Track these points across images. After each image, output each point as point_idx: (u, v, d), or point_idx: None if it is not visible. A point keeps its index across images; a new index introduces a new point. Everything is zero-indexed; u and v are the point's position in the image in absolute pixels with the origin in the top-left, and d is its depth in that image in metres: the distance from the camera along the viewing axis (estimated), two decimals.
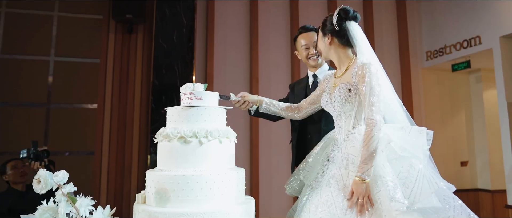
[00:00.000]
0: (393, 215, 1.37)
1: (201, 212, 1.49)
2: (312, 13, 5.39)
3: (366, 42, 1.76)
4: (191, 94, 1.69)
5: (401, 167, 1.51)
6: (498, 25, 4.41)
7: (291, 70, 5.28)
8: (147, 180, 1.66)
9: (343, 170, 1.59)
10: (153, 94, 4.72)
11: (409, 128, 1.61)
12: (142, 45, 4.98)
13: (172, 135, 1.60)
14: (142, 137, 4.87)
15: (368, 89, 1.59)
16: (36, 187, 1.47)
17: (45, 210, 1.48)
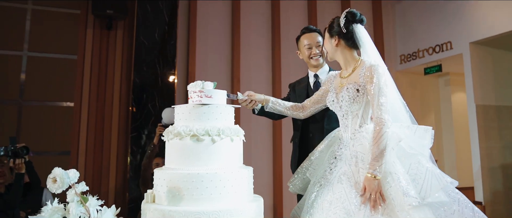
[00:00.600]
0: (405, 209, 1.44)
1: (217, 211, 1.49)
2: (292, 14, 5.48)
3: (372, 44, 1.83)
4: (201, 92, 1.68)
5: (410, 164, 1.59)
6: (468, 31, 4.68)
7: (272, 70, 5.33)
8: (157, 178, 1.63)
9: (353, 167, 1.65)
10: (134, 92, 4.61)
11: (415, 127, 1.69)
12: (121, 42, 4.85)
13: (184, 133, 1.59)
14: (121, 137, 4.74)
15: (376, 89, 1.66)
16: (51, 186, 1.41)
17: (54, 210, 1.42)
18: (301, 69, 5.41)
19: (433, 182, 1.51)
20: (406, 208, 1.44)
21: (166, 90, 4.71)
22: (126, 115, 4.77)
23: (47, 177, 1.42)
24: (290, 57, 5.40)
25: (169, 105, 4.70)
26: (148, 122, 4.61)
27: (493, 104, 4.73)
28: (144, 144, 4.53)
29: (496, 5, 4.36)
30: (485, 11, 4.49)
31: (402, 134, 1.62)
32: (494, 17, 4.39)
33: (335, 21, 1.88)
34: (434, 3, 5.12)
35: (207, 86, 1.71)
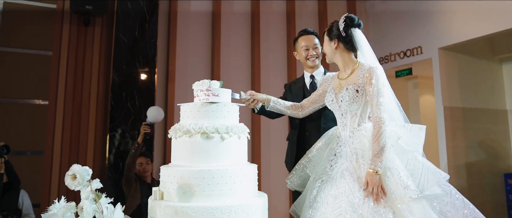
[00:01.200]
0: (405, 201, 1.56)
1: (228, 206, 1.53)
2: (271, 15, 5.58)
3: (369, 47, 1.95)
4: (208, 90, 1.71)
5: (407, 160, 1.71)
6: (438, 37, 4.97)
7: (251, 71, 5.40)
8: (166, 175, 1.64)
9: (355, 163, 1.75)
10: (113, 90, 4.51)
11: (410, 125, 1.82)
12: (99, 39, 4.73)
13: (194, 130, 1.62)
14: (98, 136, 4.62)
15: (375, 90, 1.77)
16: (70, 183, 1.38)
17: (67, 208, 1.40)
18: (280, 70, 5.53)
19: (429, 176, 1.64)
20: (406, 200, 1.55)
21: (146, 89, 4.65)
22: (104, 114, 4.66)
23: (66, 174, 1.40)
24: (269, 58, 5.50)
25: (149, 104, 4.64)
26: (127, 121, 4.53)
27: (459, 106, 5.06)
28: (120, 144, 4.45)
29: (463, 14, 4.67)
30: (453, 19, 4.79)
31: (399, 132, 1.74)
32: (461, 25, 4.70)
33: (334, 25, 1.98)
34: (406, 10, 5.39)
35: (214, 85, 1.74)
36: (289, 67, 5.56)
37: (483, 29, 4.47)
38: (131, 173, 3.75)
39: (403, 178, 1.59)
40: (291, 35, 5.58)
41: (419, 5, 5.20)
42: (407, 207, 1.54)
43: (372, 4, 5.99)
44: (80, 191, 1.42)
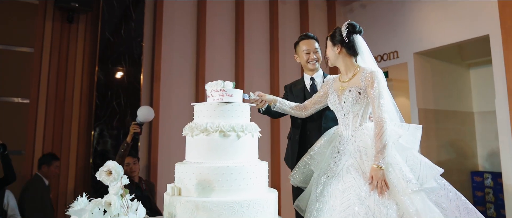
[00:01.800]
0: (407, 194, 1.71)
1: (247, 200, 1.62)
2: (256, 16, 5.69)
3: (369, 52, 2.10)
4: (223, 91, 1.79)
5: (407, 156, 1.87)
6: (413, 43, 5.26)
7: (235, 71, 5.48)
8: (184, 172, 1.71)
9: (359, 160, 1.89)
10: (98, 89, 4.46)
11: (407, 125, 1.99)
12: (83, 36, 4.65)
13: (211, 129, 1.69)
14: (82, 136, 4.55)
15: (377, 93, 1.92)
16: (105, 178, 1.41)
17: (95, 204, 1.43)
18: (263, 70, 5.65)
19: (427, 171, 1.81)
20: (408, 192, 1.71)
21: (132, 88, 4.62)
22: (88, 113, 4.59)
23: (100, 170, 1.43)
24: (253, 58, 5.60)
25: (134, 104, 4.62)
26: (112, 120, 4.49)
27: (432, 108, 5.38)
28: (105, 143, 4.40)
29: (435, 22, 4.97)
30: (427, 26, 5.10)
31: (399, 131, 1.90)
32: (434, 32, 5.01)
33: (337, 31, 2.11)
34: (383, 15, 5.66)
35: (228, 86, 1.82)
36: (272, 68, 5.69)
37: (453, 36, 4.79)
38: None
39: (405, 172, 1.75)
40: (274, 36, 5.71)
41: (395, 11, 5.48)
42: (408, 198, 1.70)
43: (351, 8, 6.24)
44: (109, 187, 1.46)
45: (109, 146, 4.41)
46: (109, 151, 4.40)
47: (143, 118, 3.87)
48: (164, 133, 4.91)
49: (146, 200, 3.62)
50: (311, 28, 6.02)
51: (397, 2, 5.48)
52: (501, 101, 4.19)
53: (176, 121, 5.04)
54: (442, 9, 4.88)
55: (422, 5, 5.15)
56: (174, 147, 4.98)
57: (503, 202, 4.40)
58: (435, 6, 4.97)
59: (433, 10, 4.99)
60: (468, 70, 5.96)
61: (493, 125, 5.28)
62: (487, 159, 5.69)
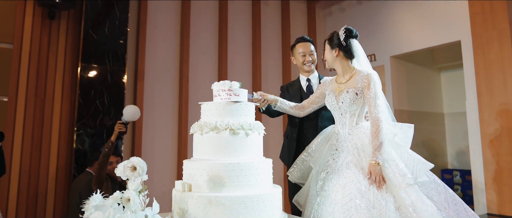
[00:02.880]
0: (403, 187, 1.85)
1: (256, 195, 1.70)
2: (239, 17, 5.77)
3: (365, 56, 2.23)
4: (230, 90, 1.86)
5: (401, 153, 2.01)
6: (390, 46, 5.52)
7: (218, 71, 5.53)
8: (195, 169, 1.75)
9: (357, 157, 2.01)
10: (81, 88, 4.38)
11: (400, 124, 2.13)
12: (65, 33, 4.56)
13: (221, 127, 1.76)
14: (63, 135, 4.45)
15: (373, 94, 2.05)
16: (130, 174, 1.43)
17: (115, 199, 1.45)
18: (245, 70, 5.73)
19: (420, 166, 1.96)
20: (404, 186, 1.85)
21: (116, 87, 4.57)
22: (69, 112, 4.50)
23: (124, 166, 1.45)
24: (236, 58, 5.68)
25: (118, 103, 4.57)
26: (95, 119, 4.42)
27: (406, 109, 5.65)
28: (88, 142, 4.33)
29: (410, 28, 5.24)
30: (403, 31, 5.36)
31: (394, 130, 2.05)
32: (409, 37, 5.28)
33: (335, 35, 2.23)
34: (361, 19, 5.89)
35: (235, 86, 1.89)
36: (254, 67, 5.79)
37: (428, 41, 5.07)
38: (103, 172, 3.71)
39: (400, 168, 1.89)
40: (256, 38, 5.81)
41: (373, 16, 5.71)
42: (404, 192, 1.84)
43: (330, 12, 6.44)
44: (128, 183, 1.49)
45: (92, 145, 4.34)
46: (92, 150, 4.33)
47: (129, 117, 3.85)
48: (147, 132, 4.89)
49: None
50: (292, 30, 6.17)
51: (374, 7, 5.73)
52: (471, 103, 4.48)
53: (160, 120, 5.03)
54: (417, 15, 5.15)
55: (399, 11, 5.41)
56: (157, 146, 4.97)
57: (471, 198, 4.71)
58: (411, 12, 5.23)
59: (409, 16, 5.26)
60: (439, 73, 6.30)
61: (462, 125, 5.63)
62: (456, 158, 6.05)
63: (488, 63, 4.22)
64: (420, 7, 5.11)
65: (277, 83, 6.00)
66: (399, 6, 5.40)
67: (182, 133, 5.07)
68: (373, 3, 5.75)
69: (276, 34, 6.16)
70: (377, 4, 5.70)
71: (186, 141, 5.09)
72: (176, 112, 5.16)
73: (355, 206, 1.81)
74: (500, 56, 4.11)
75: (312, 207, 2.02)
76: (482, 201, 4.29)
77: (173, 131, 5.11)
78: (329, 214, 1.86)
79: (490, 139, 4.22)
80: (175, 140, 5.11)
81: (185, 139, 5.09)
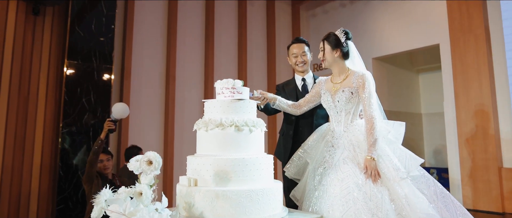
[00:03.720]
0: (396, 180, 1.96)
1: (261, 189, 1.77)
2: (225, 17, 5.82)
3: (359, 57, 2.34)
4: (234, 89, 1.92)
5: (394, 148, 2.12)
6: (372, 48, 5.70)
7: (204, 70, 5.56)
8: (200, 164, 1.80)
9: (353, 152, 2.12)
10: (66, 85, 4.31)
11: (392, 122, 2.25)
12: (50, 29, 4.47)
13: (226, 123, 1.81)
14: (47, 134, 4.36)
15: (367, 93, 2.16)
16: (146, 168, 1.46)
17: (128, 193, 1.48)
18: (231, 70, 5.79)
19: (411, 161, 2.08)
20: (397, 180, 1.96)
21: (103, 85, 4.53)
22: (54, 110, 4.41)
23: (140, 160, 1.48)
24: (222, 58, 5.72)
25: (105, 101, 4.53)
26: (82, 117, 4.36)
27: (386, 109, 5.83)
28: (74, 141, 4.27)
29: (390, 32, 5.46)
30: (384, 35, 5.56)
31: (388, 127, 2.16)
32: (390, 40, 5.48)
33: (334, 36, 2.33)
34: (344, 22, 6.06)
35: (237, 84, 1.96)
36: (240, 68, 5.85)
37: (407, 45, 5.30)
38: (93, 170, 3.68)
39: (394, 162, 2.01)
40: (242, 38, 5.88)
41: (355, 19, 5.90)
42: (398, 185, 1.95)
43: (314, 14, 6.58)
44: (141, 177, 1.52)
45: (78, 144, 4.29)
46: (78, 148, 4.27)
47: (118, 115, 3.83)
48: (133, 130, 4.86)
49: None
50: (277, 31, 6.29)
51: (357, 10, 5.91)
52: (448, 103, 4.72)
53: (146, 118, 5.01)
54: (398, 19, 5.36)
55: (380, 15, 5.61)
56: (143, 143, 4.94)
57: None
58: (392, 16, 5.44)
59: (391, 20, 5.46)
60: (418, 75, 6.56)
61: (438, 125, 5.90)
62: (433, 156, 6.32)
63: (465, 66, 4.46)
64: (401, 12, 5.32)
65: (262, 82, 6.09)
66: (381, 10, 5.60)
67: (168, 131, 5.07)
68: (356, 7, 5.93)
69: (262, 35, 6.25)
70: (359, 7, 5.88)
71: (172, 140, 5.09)
72: (162, 110, 5.16)
73: (353, 198, 1.91)
74: (476, 59, 4.35)
75: (310, 200, 2.11)
76: (458, 197, 4.52)
77: (160, 130, 5.10)
78: (329, 207, 1.95)
79: (466, 138, 4.46)
80: (161, 139, 5.10)
81: (171, 137, 5.09)
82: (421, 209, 1.86)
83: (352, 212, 1.86)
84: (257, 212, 1.73)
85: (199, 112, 5.44)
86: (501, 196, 4.17)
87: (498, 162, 4.22)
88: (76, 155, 4.28)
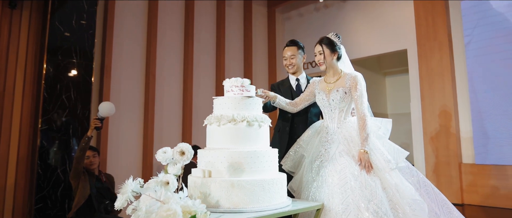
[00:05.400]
0: (387, 171, 2.20)
1: (271, 179, 1.93)
2: (204, 16, 5.90)
3: (348, 59, 2.57)
4: (243, 87, 2.07)
5: (383, 143, 2.36)
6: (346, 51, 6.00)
7: (184, 69, 5.62)
8: (214, 157, 1.93)
9: (347, 146, 2.34)
10: (46, 81, 4.22)
11: (380, 119, 2.49)
12: (28, 24, 4.35)
13: (239, 119, 1.96)
14: (24, 131, 4.25)
15: (359, 93, 2.39)
16: (178, 158, 1.54)
17: (156, 182, 1.57)
18: (209, 69, 5.89)
19: (399, 154, 2.33)
20: (388, 170, 2.20)
21: (83, 82, 4.47)
22: (32, 107, 4.31)
23: (173, 151, 1.57)
24: (201, 57, 5.81)
25: (85, 98, 4.48)
26: (61, 115, 4.29)
27: None
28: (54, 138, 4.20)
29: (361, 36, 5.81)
30: (355, 39, 5.90)
31: (378, 123, 2.40)
32: (360, 44, 5.83)
33: (331, 41, 2.54)
34: (317, 25, 6.35)
35: (246, 83, 2.11)
36: (218, 67, 5.96)
37: (376, 49, 5.68)
38: (80, 166, 3.68)
39: (385, 155, 2.25)
40: (221, 38, 5.99)
41: (328, 23, 6.20)
42: (388, 175, 2.19)
43: (289, 16, 6.83)
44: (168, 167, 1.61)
45: (58, 141, 4.21)
46: (57, 146, 4.20)
47: (105, 112, 3.85)
48: (113, 128, 4.83)
49: (107, 191, 3.66)
50: (254, 32, 6.47)
51: (330, 15, 6.22)
52: (415, 104, 5.12)
53: (126, 115, 4.99)
54: (370, 25, 5.72)
55: (353, 20, 5.95)
56: (123, 141, 4.92)
57: None
58: (363, 22, 5.79)
59: (362, 25, 5.81)
60: (384, 78, 7.00)
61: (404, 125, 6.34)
62: None
63: (430, 70, 4.87)
64: (373, 19, 5.69)
65: None
66: (353, 16, 5.94)
67: (148, 129, 5.08)
68: (330, 11, 6.24)
69: (239, 35, 6.41)
70: (333, 12, 6.19)
71: (152, 136, 5.11)
72: (142, 107, 5.16)
73: (351, 187, 2.12)
74: (440, 64, 4.77)
75: (309, 190, 2.30)
76: None
77: (139, 126, 5.10)
78: (328, 195, 2.15)
79: (431, 136, 4.87)
80: (140, 137, 5.10)
81: (151, 135, 5.11)
82: (409, 195, 2.11)
83: (351, 199, 2.08)
84: (268, 200, 1.90)
85: (179, 109, 5.51)
86: (461, 189, 4.60)
87: (458, 158, 4.65)
88: (55, 153, 4.21)
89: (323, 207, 2.14)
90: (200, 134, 5.58)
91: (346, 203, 2.07)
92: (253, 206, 1.83)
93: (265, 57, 6.73)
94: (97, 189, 3.63)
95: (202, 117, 5.66)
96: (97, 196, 3.58)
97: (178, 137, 5.45)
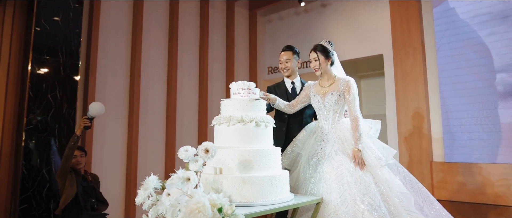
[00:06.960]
0: (378, 167, 2.41)
1: (277, 175, 2.10)
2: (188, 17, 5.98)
3: (340, 63, 2.78)
4: (249, 90, 2.22)
5: (373, 141, 2.58)
6: None
7: (168, 68, 5.67)
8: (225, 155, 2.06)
9: (342, 145, 2.54)
10: (32, 80, 4.16)
11: (370, 120, 2.71)
12: (11, 21, 4.27)
13: (247, 119, 2.10)
14: (6, 131, 4.17)
15: (352, 97, 2.60)
16: (203, 155, 1.64)
17: (178, 179, 1.67)
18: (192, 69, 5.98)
19: (388, 152, 2.56)
20: (379, 167, 2.42)
21: (69, 81, 4.44)
22: (15, 106, 4.23)
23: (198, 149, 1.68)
24: (184, 57, 5.88)
25: (71, 97, 4.45)
26: (47, 114, 4.24)
27: None
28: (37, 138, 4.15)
29: (341, 39, 6.09)
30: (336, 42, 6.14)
31: (369, 124, 2.62)
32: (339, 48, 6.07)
33: (325, 47, 2.73)
34: (297, 28, 6.58)
35: (252, 86, 2.25)
36: (201, 67, 6.05)
37: (353, 53, 5.97)
38: (68, 165, 3.69)
39: (376, 153, 2.47)
40: (204, 39, 6.09)
41: (307, 27, 6.44)
42: (379, 171, 2.41)
43: (270, 19, 7.02)
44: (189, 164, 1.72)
45: (43, 141, 4.17)
46: (43, 146, 4.15)
47: (94, 112, 3.86)
48: (97, 127, 4.81)
49: (92, 191, 3.69)
50: (236, 33, 6.62)
51: (310, 19, 6.46)
52: (390, 106, 5.45)
53: (111, 114, 4.98)
54: (348, 30, 6.01)
55: (332, 26, 6.22)
56: (107, 140, 4.91)
57: None
58: (341, 27, 6.08)
59: (341, 30, 6.09)
60: (360, 80, 7.34)
61: None
62: None
63: (404, 74, 5.20)
64: (351, 24, 5.98)
65: (221, 82, 6.37)
66: (332, 21, 6.22)
67: (133, 128, 5.10)
68: (309, 15, 6.48)
69: (222, 36, 6.53)
70: (313, 16, 6.44)
71: (137, 135, 5.13)
72: (126, 107, 5.17)
73: (347, 182, 2.33)
74: (414, 68, 5.11)
75: (307, 186, 2.48)
76: None
77: (124, 125, 5.11)
78: (326, 189, 2.35)
79: (405, 136, 5.21)
80: (125, 136, 5.11)
81: (136, 134, 5.13)
82: (398, 189, 2.34)
83: (347, 193, 2.28)
84: (276, 194, 2.06)
85: (163, 108, 5.55)
86: (432, 186, 4.96)
87: (429, 157, 5.01)
88: (40, 153, 4.16)
89: (322, 200, 2.32)
90: (183, 132, 5.65)
91: (343, 197, 2.27)
92: (262, 200, 1.99)
93: (246, 58, 6.89)
94: (83, 188, 3.65)
95: (186, 115, 5.75)
96: (83, 195, 3.61)
97: (162, 135, 5.51)
